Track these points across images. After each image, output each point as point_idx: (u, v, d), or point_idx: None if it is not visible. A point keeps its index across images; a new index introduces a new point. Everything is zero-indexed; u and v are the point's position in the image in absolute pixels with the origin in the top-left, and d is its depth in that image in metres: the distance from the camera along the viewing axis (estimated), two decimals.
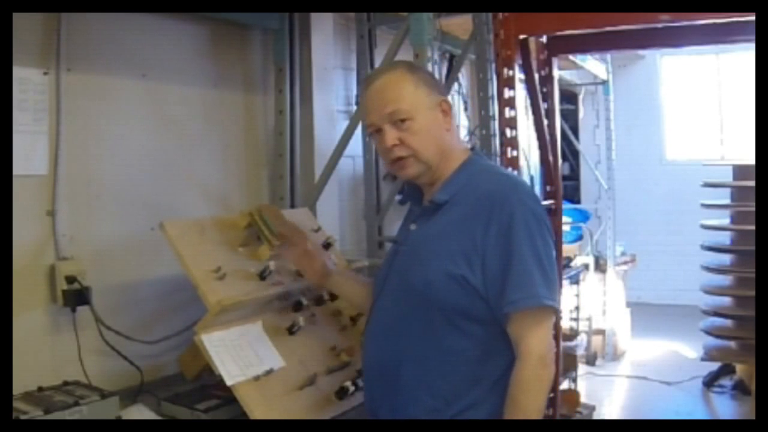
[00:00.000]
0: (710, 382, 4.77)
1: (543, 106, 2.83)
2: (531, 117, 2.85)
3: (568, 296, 4.62)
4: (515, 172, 2.26)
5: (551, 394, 2.05)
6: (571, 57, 4.74)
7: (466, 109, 4.22)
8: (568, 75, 6.11)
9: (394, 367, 1.57)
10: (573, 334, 4.62)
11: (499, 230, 1.47)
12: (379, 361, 1.62)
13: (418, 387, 1.54)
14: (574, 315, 4.76)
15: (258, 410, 1.80)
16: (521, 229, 1.47)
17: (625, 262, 6.00)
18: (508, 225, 1.47)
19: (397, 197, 3.41)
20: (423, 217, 1.63)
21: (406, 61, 1.74)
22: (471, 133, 3.78)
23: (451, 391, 1.52)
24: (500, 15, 2.55)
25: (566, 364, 3.79)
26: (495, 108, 3.10)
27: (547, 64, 2.91)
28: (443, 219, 1.56)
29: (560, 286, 1.69)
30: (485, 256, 1.47)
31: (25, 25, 1.98)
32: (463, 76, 4.37)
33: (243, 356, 1.88)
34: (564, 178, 6.42)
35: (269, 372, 1.88)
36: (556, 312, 1.51)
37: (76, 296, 2.06)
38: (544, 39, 2.88)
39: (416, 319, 1.54)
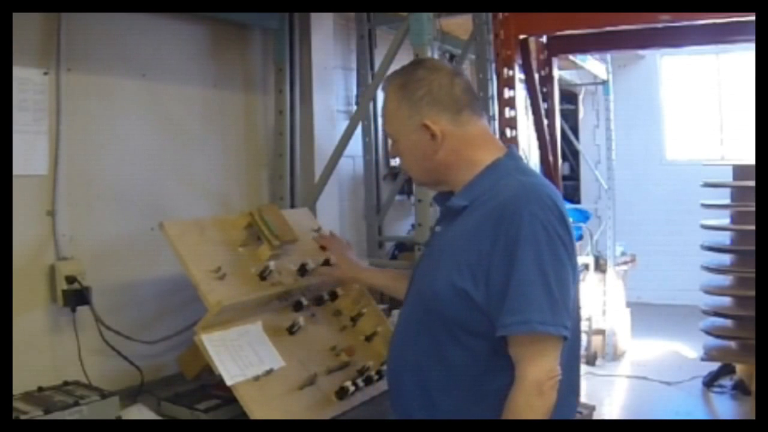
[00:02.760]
0: (710, 382, 4.77)
1: (543, 106, 2.83)
2: (531, 117, 2.86)
3: None
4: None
5: None
6: (571, 57, 4.75)
7: None
8: (568, 75, 6.11)
9: (400, 375, 1.55)
10: None
11: (506, 245, 1.37)
12: (391, 368, 1.60)
13: (418, 398, 1.50)
14: None
15: (258, 410, 1.80)
16: (528, 245, 1.36)
17: (625, 262, 5.99)
18: (514, 240, 1.37)
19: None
20: (445, 220, 1.57)
21: (410, 69, 1.60)
22: None
23: (454, 406, 1.46)
24: (500, 15, 2.56)
25: None
26: (495, 108, 3.10)
27: (547, 64, 2.92)
28: (459, 226, 1.48)
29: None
30: (490, 271, 1.39)
31: (25, 25, 1.98)
32: None
33: (243, 356, 1.88)
34: (564, 178, 6.44)
35: (269, 372, 1.88)
36: (561, 337, 1.38)
37: (76, 296, 2.05)
38: (544, 39, 2.89)
39: (423, 329, 1.50)
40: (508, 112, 2.60)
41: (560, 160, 2.93)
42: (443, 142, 1.51)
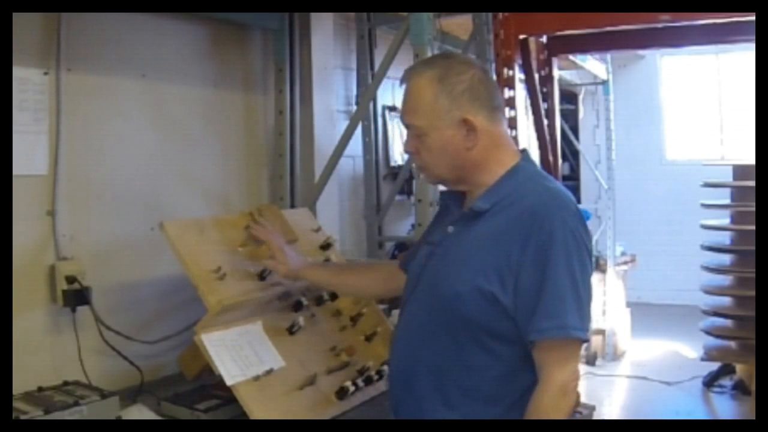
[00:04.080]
0: (710, 382, 4.77)
1: (543, 106, 2.83)
2: (531, 117, 2.86)
3: None
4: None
5: None
6: (571, 57, 4.75)
7: None
8: (568, 75, 6.11)
9: (414, 377, 1.52)
10: None
11: (537, 250, 1.38)
12: (402, 369, 1.57)
13: (435, 400, 1.49)
14: None
15: (258, 410, 1.80)
16: (560, 251, 1.38)
17: (625, 262, 5.99)
18: (546, 246, 1.38)
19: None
20: (462, 221, 1.52)
21: (446, 62, 1.53)
22: None
23: (469, 407, 1.46)
24: (500, 15, 2.56)
25: None
26: None
27: (547, 64, 2.92)
28: (482, 229, 1.46)
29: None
30: (519, 275, 1.39)
31: (25, 25, 1.98)
32: None
33: (243, 356, 1.88)
34: (564, 178, 6.44)
35: (269, 372, 1.88)
36: (586, 341, 1.43)
37: (76, 296, 2.05)
38: (544, 39, 2.89)
39: (442, 330, 1.48)
40: (508, 112, 2.59)
41: (560, 160, 2.93)
42: (479, 139, 1.49)
